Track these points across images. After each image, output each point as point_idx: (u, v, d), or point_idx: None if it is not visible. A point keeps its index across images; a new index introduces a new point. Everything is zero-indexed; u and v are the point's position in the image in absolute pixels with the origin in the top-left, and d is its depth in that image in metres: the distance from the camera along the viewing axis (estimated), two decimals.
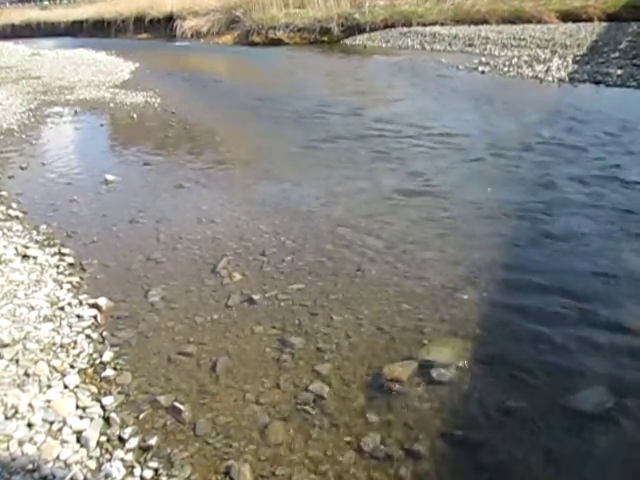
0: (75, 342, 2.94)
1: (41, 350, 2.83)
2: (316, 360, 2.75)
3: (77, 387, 2.59)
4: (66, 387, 2.58)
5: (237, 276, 3.58)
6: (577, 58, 11.91)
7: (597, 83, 9.86)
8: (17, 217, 4.82)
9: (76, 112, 9.83)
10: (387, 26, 19.63)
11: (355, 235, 4.12)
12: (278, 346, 2.87)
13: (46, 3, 51.12)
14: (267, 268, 3.67)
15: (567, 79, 10.27)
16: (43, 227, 4.56)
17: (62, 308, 3.26)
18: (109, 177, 5.73)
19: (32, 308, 3.22)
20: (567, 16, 17.74)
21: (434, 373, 2.61)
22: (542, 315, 3.02)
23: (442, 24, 18.85)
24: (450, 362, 2.66)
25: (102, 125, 8.93)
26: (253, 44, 21.66)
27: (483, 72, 11.68)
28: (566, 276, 3.40)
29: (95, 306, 3.28)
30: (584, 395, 2.45)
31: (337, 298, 3.27)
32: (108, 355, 2.84)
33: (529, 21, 17.78)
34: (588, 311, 3.02)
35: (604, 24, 16.36)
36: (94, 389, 2.59)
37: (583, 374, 2.57)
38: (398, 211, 4.53)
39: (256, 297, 3.30)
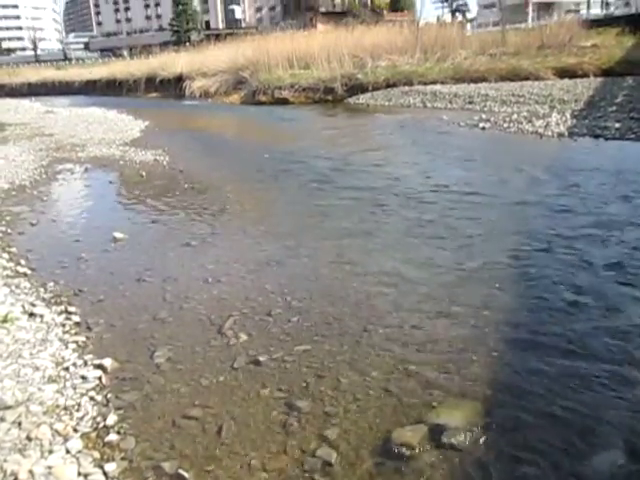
0: (79, 404, 2.90)
1: (44, 412, 2.80)
2: (323, 424, 2.70)
3: (79, 452, 2.53)
4: (68, 452, 2.53)
5: (243, 337, 3.56)
6: (575, 113, 12.20)
7: (596, 137, 10.07)
8: (25, 274, 4.85)
9: (86, 169, 10.07)
10: (389, 85, 20.30)
11: (361, 295, 4.11)
12: (285, 410, 2.82)
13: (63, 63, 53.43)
14: (273, 329, 3.65)
15: (567, 133, 10.49)
16: (50, 285, 4.58)
17: (67, 368, 3.24)
18: (117, 235, 5.79)
19: (37, 368, 3.20)
20: (563, 72, 18.36)
21: (445, 437, 2.55)
22: (553, 375, 2.97)
23: (442, 83, 19.48)
24: (461, 426, 2.61)
25: (111, 182, 9.12)
26: (259, 103, 22.37)
27: (484, 128, 11.95)
28: (576, 336, 3.36)
29: (100, 367, 3.26)
30: (599, 460, 2.38)
31: (344, 359, 3.24)
32: (112, 418, 2.79)
33: (527, 78, 18.38)
34: (602, 371, 2.97)
35: (599, 79, 16.89)
36: (97, 454, 2.54)
37: (598, 437, 2.51)
38: (404, 270, 4.53)
39: (262, 359, 3.27)
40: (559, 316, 3.62)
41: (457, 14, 60.37)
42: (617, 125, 10.51)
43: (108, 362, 3.29)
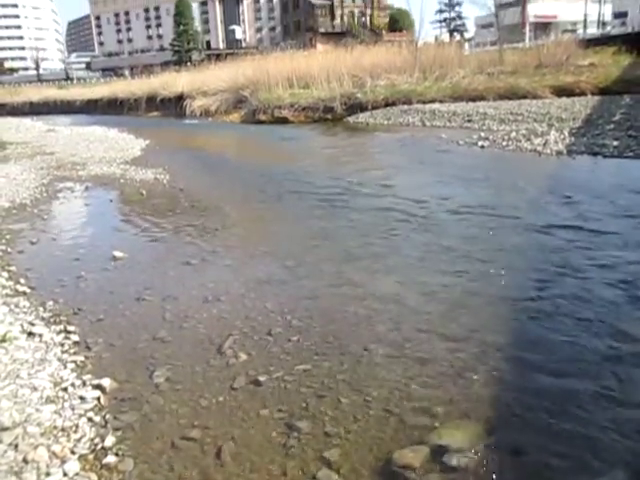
0: (77, 425, 2.88)
1: (41, 434, 2.77)
2: (324, 445, 2.67)
3: (77, 475, 2.51)
4: (65, 475, 2.50)
5: (243, 356, 3.54)
6: (573, 131, 12.25)
7: (594, 154, 10.11)
8: (25, 293, 4.84)
9: (87, 188, 10.10)
10: (388, 104, 20.44)
11: (361, 314, 4.09)
12: (285, 430, 2.80)
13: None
14: (273, 348, 3.63)
15: (565, 151, 10.52)
16: (50, 304, 4.56)
17: (65, 389, 3.21)
18: (117, 254, 5.79)
19: (35, 389, 3.17)
20: (561, 91, 18.54)
21: (447, 459, 2.53)
22: (555, 396, 2.95)
23: (441, 101, 19.63)
24: (463, 447, 2.58)
25: (112, 201, 9.16)
26: (259, 122, 22.54)
27: (483, 147, 11.99)
28: (577, 354, 3.35)
29: (99, 387, 3.23)
30: None
31: (344, 379, 3.21)
32: (110, 440, 2.77)
33: (524, 97, 18.55)
34: (605, 393, 2.95)
35: (597, 98, 17.05)
36: (94, 477, 2.51)
37: (602, 457, 2.49)
38: (405, 291, 4.51)
39: (262, 379, 3.25)
40: (562, 337, 3.59)
41: (455, 34, 61.21)
42: (615, 143, 10.56)
43: (107, 382, 3.27)
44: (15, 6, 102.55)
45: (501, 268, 4.86)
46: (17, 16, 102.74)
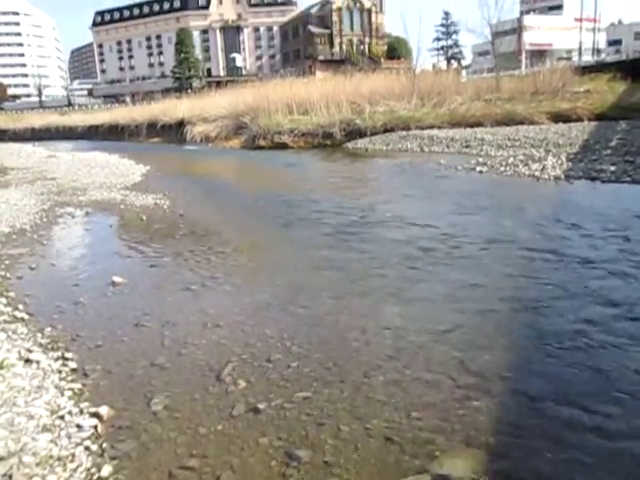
0: (73, 455, 2.84)
1: (37, 464, 2.73)
2: (324, 475, 2.63)
3: None
4: None
5: (242, 383, 3.51)
6: (571, 156, 12.37)
7: (592, 179, 10.19)
8: (23, 319, 4.81)
9: (87, 213, 10.13)
10: (387, 130, 20.66)
11: (362, 340, 4.06)
12: (284, 459, 2.76)
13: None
14: (272, 375, 3.60)
15: (563, 176, 10.60)
16: (48, 330, 4.53)
17: (62, 417, 3.18)
18: (116, 279, 5.78)
19: (31, 417, 3.13)
20: (557, 117, 18.78)
21: None
22: (558, 424, 2.92)
23: (439, 127, 19.85)
24: (464, 476, 2.55)
25: (112, 226, 9.18)
26: (259, 148, 22.73)
27: (481, 172, 12.08)
28: (579, 383, 3.32)
29: (96, 415, 3.20)
30: None
31: (344, 407, 3.18)
32: (107, 470, 2.73)
33: (522, 123, 18.77)
34: (605, 420, 2.93)
35: (593, 123, 17.26)
36: None
37: None
38: (405, 315, 4.50)
39: (261, 406, 3.22)
40: (564, 365, 3.57)
41: (452, 61, 62.29)
42: (612, 168, 10.65)
43: (104, 410, 3.23)
44: (18, 34, 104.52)
45: (500, 294, 4.86)
46: (20, 44, 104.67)
